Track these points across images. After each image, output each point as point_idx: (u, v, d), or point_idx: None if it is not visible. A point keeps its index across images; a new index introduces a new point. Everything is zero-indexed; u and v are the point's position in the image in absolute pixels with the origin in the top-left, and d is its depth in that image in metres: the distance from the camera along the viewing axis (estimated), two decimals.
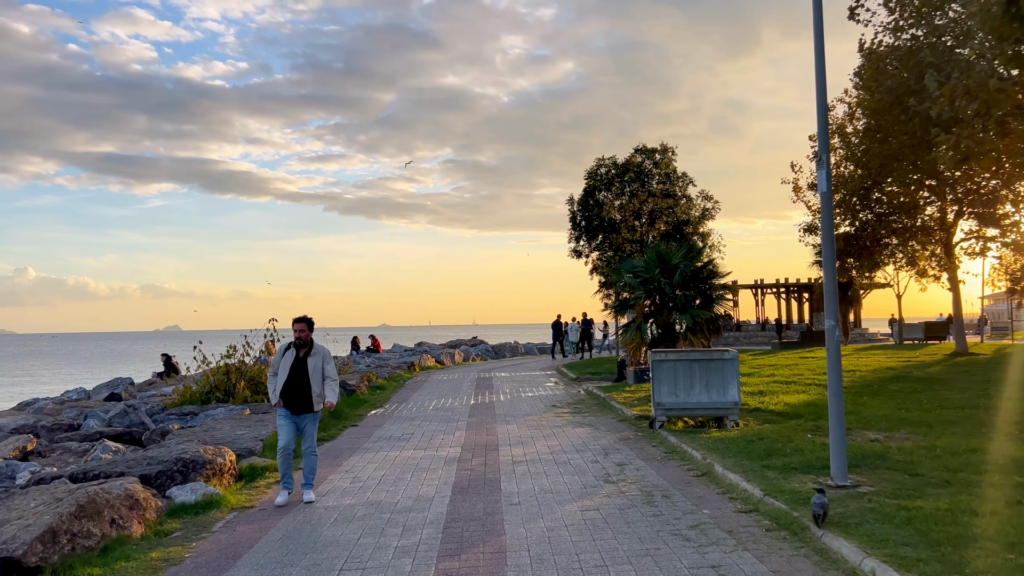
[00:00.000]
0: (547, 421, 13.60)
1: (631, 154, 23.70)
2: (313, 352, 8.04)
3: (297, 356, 7.99)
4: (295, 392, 7.92)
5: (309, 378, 7.95)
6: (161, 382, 21.73)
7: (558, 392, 18.91)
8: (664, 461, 9.55)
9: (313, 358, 8.02)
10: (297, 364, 7.96)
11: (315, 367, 7.99)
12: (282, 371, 7.92)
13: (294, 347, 8.01)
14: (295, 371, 7.93)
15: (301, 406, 7.97)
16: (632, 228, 23.90)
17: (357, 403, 16.99)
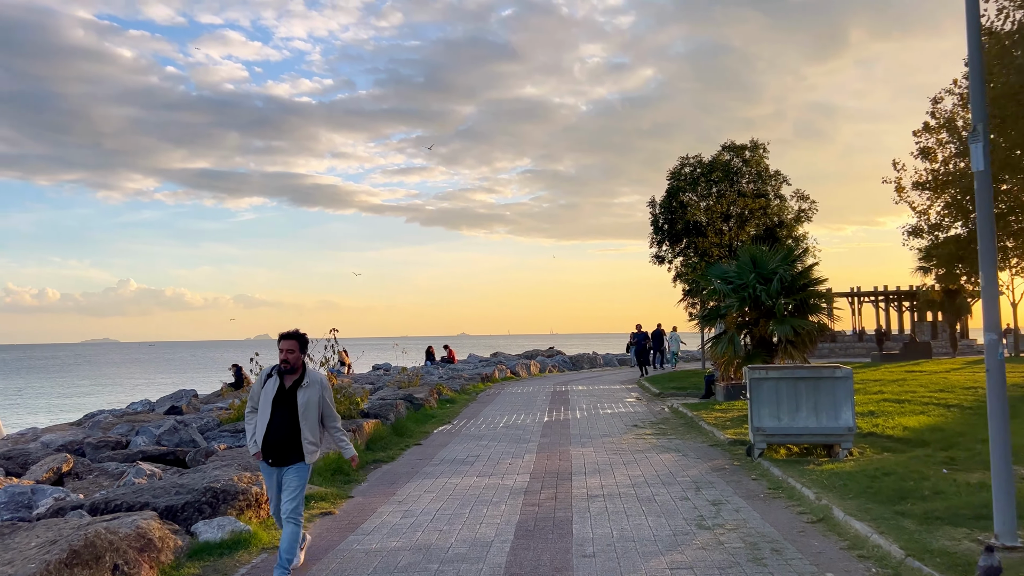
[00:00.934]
0: (628, 444, 12.21)
1: (718, 152, 22.01)
2: (305, 382, 5.81)
3: (282, 387, 5.79)
4: (279, 437, 5.73)
5: (299, 418, 5.75)
6: (232, 393, 21.32)
7: (640, 409, 17.43)
8: (768, 500, 8.05)
9: (305, 390, 5.79)
10: (282, 397, 5.77)
11: (307, 402, 5.77)
12: (262, 407, 5.79)
13: (278, 374, 5.84)
14: (280, 407, 5.75)
15: (287, 455, 5.79)
16: (719, 231, 22.20)
17: (424, 418, 15.98)
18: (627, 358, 36.94)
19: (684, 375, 25.96)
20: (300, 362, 5.85)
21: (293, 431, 5.80)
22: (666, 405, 18.03)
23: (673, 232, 21.75)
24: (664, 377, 25.38)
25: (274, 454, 5.83)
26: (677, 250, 22.69)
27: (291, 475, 5.86)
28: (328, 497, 8.61)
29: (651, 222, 22.87)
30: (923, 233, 28.83)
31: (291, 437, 5.80)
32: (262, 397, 5.87)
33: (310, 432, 5.83)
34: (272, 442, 5.81)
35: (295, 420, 5.80)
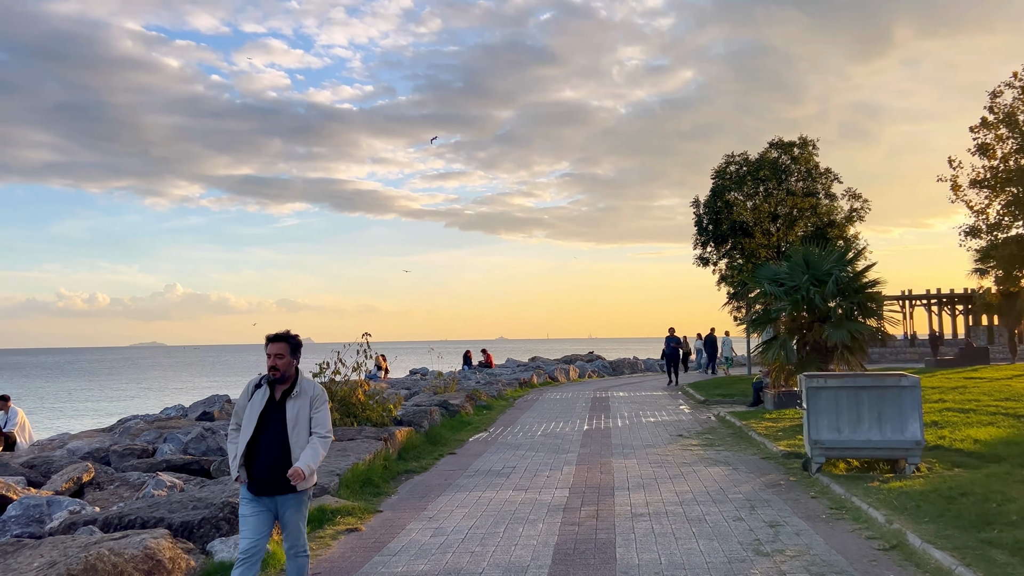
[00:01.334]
0: (673, 455, 11.52)
1: (765, 149, 21.11)
2: (297, 391, 4.93)
3: (272, 399, 4.91)
4: (267, 457, 4.83)
5: (288, 434, 4.84)
6: None
7: (684, 417, 16.69)
8: (832, 522, 7.33)
9: (296, 400, 4.91)
10: (271, 411, 4.89)
11: (297, 416, 4.88)
12: (247, 423, 4.90)
13: (267, 384, 4.96)
14: (267, 423, 4.86)
15: (275, 481, 4.83)
16: (767, 232, 21.32)
17: (459, 426, 15.47)
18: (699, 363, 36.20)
19: (730, 381, 25.07)
20: (292, 369, 4.96)
21: (282, 452, 4.83)
22: (712, 413, 17.26)
23: (718, 233, 20.92)
24: (709, 384, 24.52)
25: (258, 480, 4.84)
26: (722, 252, 21.84)
27: (289, 508, 4.93)
28: (355, 512, 8.12)
29: (695, 223, 22.06)
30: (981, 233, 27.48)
31: (280, 459, 4.82)
32: (247, 412, 4.92)
33: (300, 451, 4.86)
34: (256, 465, 4.84)
35: (283, 436, 4.84)
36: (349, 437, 11.35)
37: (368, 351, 13.50)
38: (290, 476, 4.73)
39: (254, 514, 4.88)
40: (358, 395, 12.86)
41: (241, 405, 5.02)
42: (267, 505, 4.91)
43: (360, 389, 12.81)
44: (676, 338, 26.07)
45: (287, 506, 4.92)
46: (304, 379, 5.03)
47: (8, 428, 12.50)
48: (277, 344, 4.94)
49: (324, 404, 5.06)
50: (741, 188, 21.11)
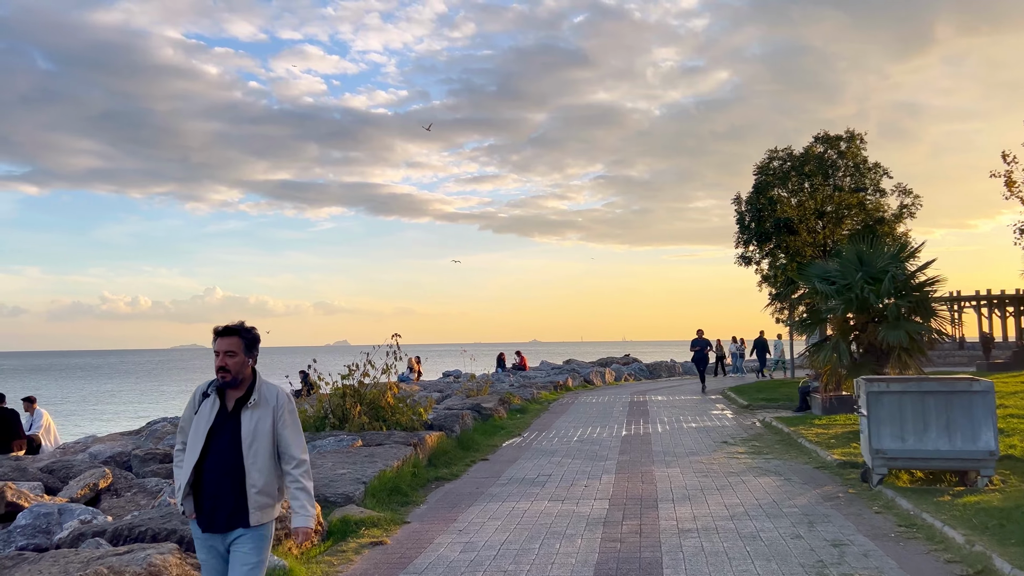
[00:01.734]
0: (719, 464, 10.84)
1: (810, 143, 20.22)
2: (254, 399, 3.87)
3: (223, 409, 3.87)
4: (216, 484, 3.79)
5: (243, 454, 3.79)
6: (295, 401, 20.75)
7: (727, 423, 15.95)
8: (902, 542, 6.63)
9: (253, 411, 3.85)
10: (222, 425, 3.84)
11: (255, 430, 3.82)
12: (193, 441, 3.85)
13: (216, 391, 3.91)
14: (217, 439, 3.82)
15: (226, 514, 3.81)
16: (812, 230, 20.42)
17: (492, 430, 14.93)
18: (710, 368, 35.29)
19: (773, 385, 24.18)
20: (246, 370, 3.89)
21: (235, 476, 3.78)
22: (757, 419, 16.49)
23: (761, 231, 20.08)
24: (751, 388, 23.66)
25: (206, 512, 3.80)
26: (765, 250, 20.99)
27: (243, 544, 3.81)
28: (381, 523, 7.63)
29: (736, 220, 21.24)
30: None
31: (232, 485, 3.77)
32: (193, 426, 3.88)
33: (260, 476, 3.79)
34: (203, 492, 3.79)
35: (238, 459, 3.78)
36: (377, 442, 10.88)
37: (398, 353, 13.03)
38: (295, 537, 3.94)
39: (211, 558, 3.90)
40: (387, 398, 12.40)
41: (186, 419, 3.98)
42: (219, 544, 3.86)
43: (389, 392, 12.35)
44: (705, 340, 24.44)
45: (240, 546, 3.81)
46: (265, 383, 3.95)
47: (33, 430, 12.28)
48: (227, 339, 3.89)
49: (293, 416, 3.98)
50: (785, 184, 20.25)
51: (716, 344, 34.10)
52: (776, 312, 28.44)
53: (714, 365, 33.98)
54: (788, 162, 20.24)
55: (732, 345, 34.39)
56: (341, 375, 12.51)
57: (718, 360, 34.10)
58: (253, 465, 3.81)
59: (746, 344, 34.27)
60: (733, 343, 34.25)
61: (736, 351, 34.25)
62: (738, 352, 34.22)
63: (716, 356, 34.21)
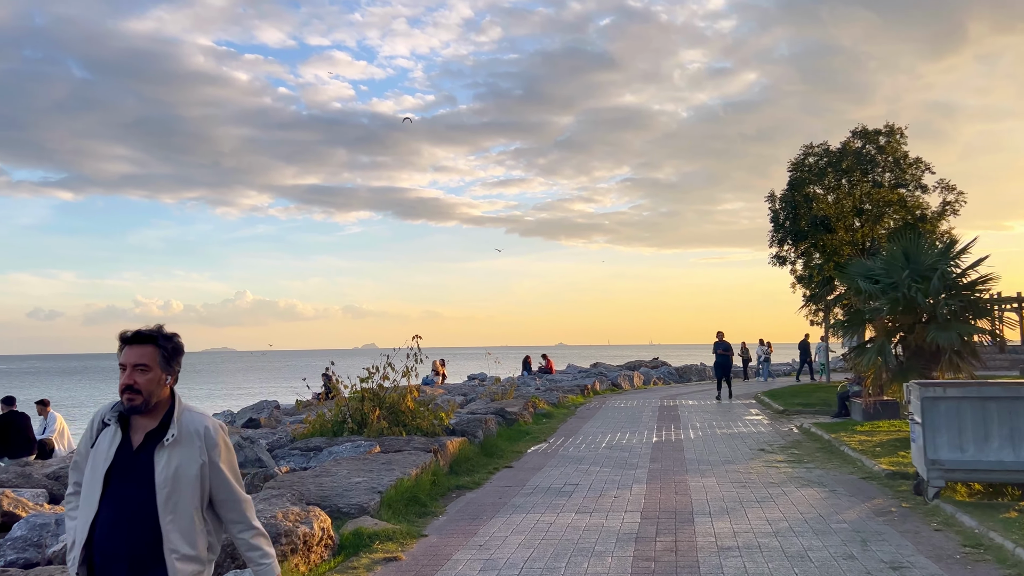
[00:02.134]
0: (757, 473, 10.20)
1: (847, 138, 19.40)
2: (173, 434, 2.79)
3: (125, 444, 2.80)
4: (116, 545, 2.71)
5: (158, 509, 2.73)
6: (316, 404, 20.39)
7: (763, 429, 15.25)
8: (970, 564, 5.98)
9: (172, 450, 2.78)
10: (127, 466, 2.77)
11: (175, 475, 2.76)
12: (89, 486, 2.78)
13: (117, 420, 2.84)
14: (121, 485, 2.76)
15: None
16: (850, 228, 19.61)
17: (517, 435, 14.40)
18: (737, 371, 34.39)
19: (808, 390, 23.35)
20: (161, 391, 2.84)
21: (146, 536, 2.73)
22: (794, 425, 15.77)
23: (796, 230, 19.28)
24: (785, 392, 22.85)
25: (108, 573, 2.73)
26: (801, 250, 20.18)
27: None
28: (396, 536, 7.13)
29: (771, 219, 20.45)
30: None
31: (142, 549, 2.72)
32: (90, 465, 2.82)
33: (182, 539, 2.75)
34: (102, 559, 2.73)
35: (151, 513, 2.74)
36: (396, 448, 10.40)
37: (419, 355, 12.55)
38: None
39: None
40: (407, 402, 11.92)
41: (81, 453, 2.92)
42: None
43: (409, 396, 11.87)
44: (726, 343, 22.03)
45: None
46: (187, 410, 2.88)
47: (47, 434, 11.99)
48: (138, 349, 2.82)
49: (229, 456, 2.91)
50: (822, 181, 19.44)
51: (742, 347, 33.18)
52: (811, 314, 27.60)
53: (742, 369, 33.14)
54: (824, 158, 19.43)
55: (759, 348, 33.41)
56: (360, 378, 12.06)
57: (745, 364, 33.24)
58: (173, 524, 2.74)
59: (772, 348, 33.34)
60: (760, 346, 33.27)
61: (763, 355, 33.24)
62: (765, 356, 33.22)
63: (743, 360, 33.36)
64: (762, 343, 33.04)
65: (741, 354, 33.33)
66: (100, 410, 2.91)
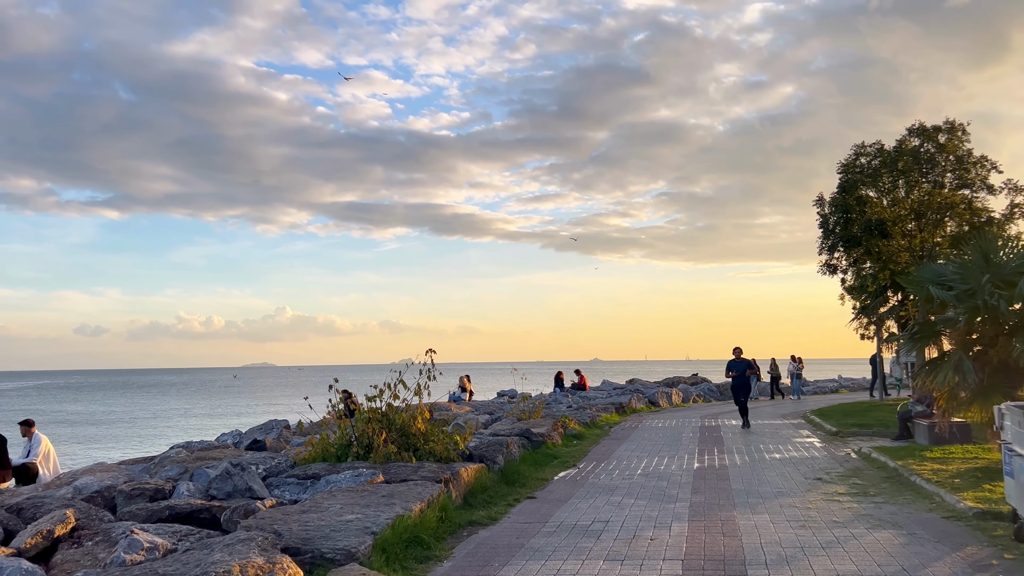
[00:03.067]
0: (817, 509, 8.80)
1: (903, 136, 17.74)
2: None
3: None
4: None
5: None
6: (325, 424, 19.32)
7: (817, 454, 13.76)
8: None
9: None
10: None
11: None
12: None
13: None
14: None
15: None
16: (907, 233, 17.99)
17: (544, 460, 13.14)
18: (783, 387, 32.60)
19: (862, 409, 21.67)
20: None
21: None
22: (851, 448, 14.24)
23: (847, 236, 17.72)
24: (838, 411, 21.21)
25: None
26: (852, 257, 18.59)
27: None
28: None
29: (819, 224, 18.88)
30: None
31: None
32: None
33: None
34: None
35: None
36: (402, 477, 9.22)
37: (432, 371, 11.38)
38: None
39: None
40: (418, 423, 10.74)
41: None
42: None
43: (420, 416, 10.70)
44: (745, 361, 19.18)
45: None
46: None
47: (30, 457, 11.06)
48: None
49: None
50: (876, 183, 17.86)
51: (771, 364, 31.37)
52: (861, 328, 25.86)
53: (769, 387, 31.34)
54: (878, 158, 17.84)
55: (790, 365, 31.56)
56: (367, 396, 10.93)
57: (773, 382, 31.42)
58: None
59: (803, 364, 31.48)
60: (792, 363, 31.38)
61: (794, 371, 31.36)
62: (796, 372, 31.32)
63: (772, 377, 31.54)
64: (793, 359, 31.20)
65: (771, 371, 31.54)
66: None
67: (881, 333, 24.67)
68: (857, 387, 38.83)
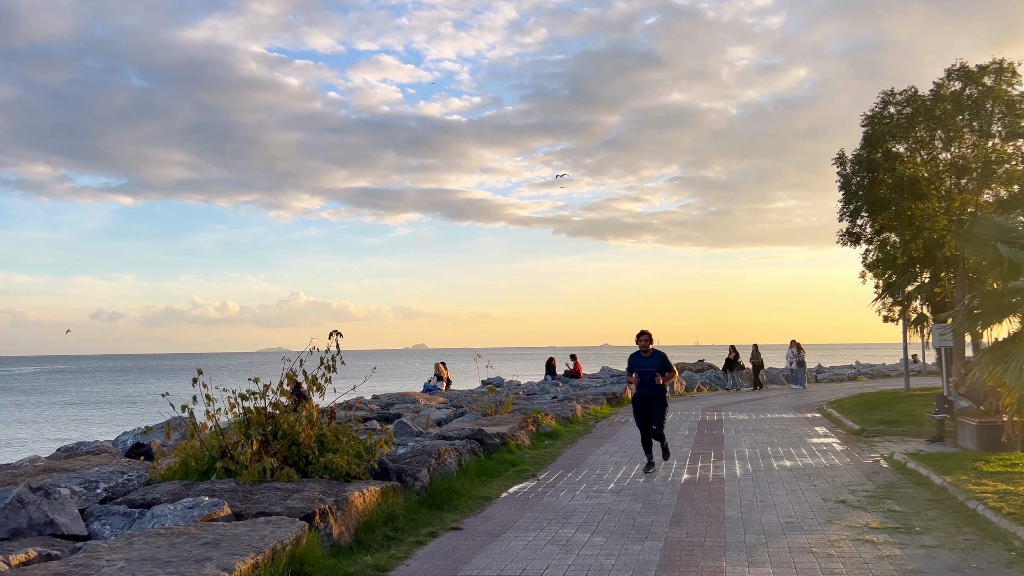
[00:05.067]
0: (842, 557, 6.16)
1: (941, 80, 14.76)
2: None
3: None
4: None
5: None
6: None
7: (838, 461, 11.10)
8: None
9: None
10: None
11: None
12: None
13: None
14: None
15: None
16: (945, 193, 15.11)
17: (497, 469, 10.58)
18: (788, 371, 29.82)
19: (886, 400, 18.94)
20: None
21: None
22: (879, 454, 11.58)
23: (873, 198, 14.85)
24: (859, 404, 18.50)
25: None
26: (879, 223, 15.70)
27: None
28: None
29: (839, 185, 16.01)
30: None
31: None
32: None
33: None
34: None
35: None
36: (260, 509, 6.65)
37: (335, 359, 8.76)
38: None
39: None
40: (307, 429, 8.14)
41: None
42: None
43: (309, 420, 8.11)
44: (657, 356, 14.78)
45: None
46: None
47: None
48: None
49: None
50: (908, 136, 14.94)
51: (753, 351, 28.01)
52: (884, 309, 23.04)
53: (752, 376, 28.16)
54: (909, 107, 14.88)
55: (789, 352, 28.36)
56: (241, 394, 8.34)
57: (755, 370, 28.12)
58: None
59: (806, 351, 28.12)
60: (791, 350, 28.06)
61: (792, 359, 28.16)
62: (797, 360, 28.12)
63: (753, 365, 28.26)
64: (794, 345, 27.84)
65: (752, 358, 28.20)
66: None
67: (907, 315, 21.90)
68: (877, 374, 36.04)
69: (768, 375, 32.19)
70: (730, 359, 28.47)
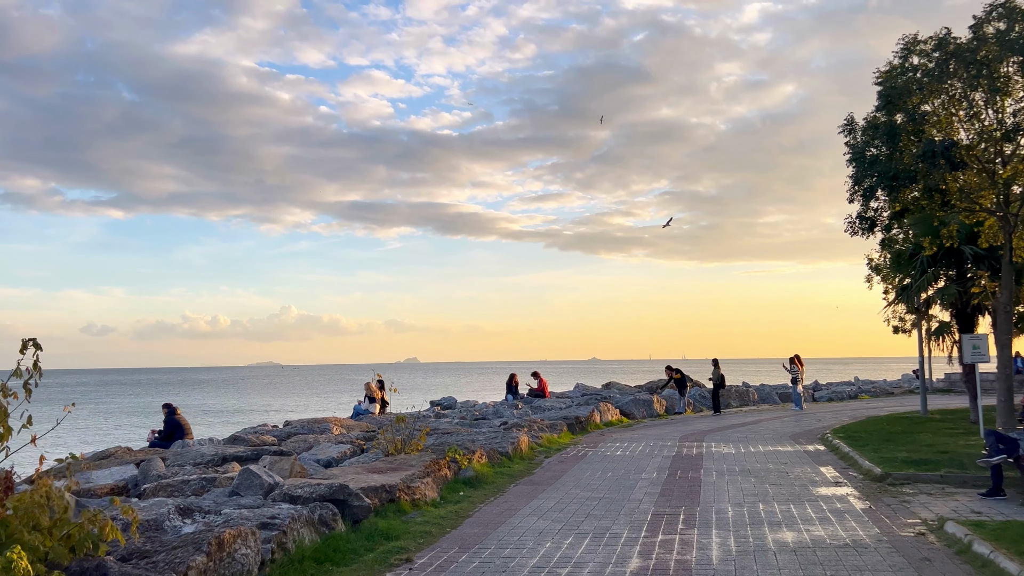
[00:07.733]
0: None
1: (977, 21, 11.33)
2: None
3: None
4: None
5: None
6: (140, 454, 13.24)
7: (862, 532, 7.56)
8: None
9: None
10: None
11: None
12: None
13: None
14: None
15: None
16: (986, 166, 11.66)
17: (353, 551, 7.08)
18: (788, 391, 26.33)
19: (902, 428, 15.44)
20: None
21: None
22: (920, 518, 8.06)
23: (894, 171, 11.45)
24: (870, 430, 14.99)
25: None
26: (902, 204, 12.24)
27: None
28: None
29: (848, 159, 12.52)
30: None
31: None
32: None
33: None
34: None
35: None
36: None
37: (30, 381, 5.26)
38: None
39: None
40: None
41: None
42: None
43: None
44: None
45: None
46: None
47: None
48: None
49: None
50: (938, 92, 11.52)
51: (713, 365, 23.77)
52: (895, 319, 19.54)
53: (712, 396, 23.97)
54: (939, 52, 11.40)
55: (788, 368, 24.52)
56: None
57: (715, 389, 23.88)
58: None
59: (803, 367, 24.28)
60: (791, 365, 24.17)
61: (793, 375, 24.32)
62: (791, 378, 24.33)
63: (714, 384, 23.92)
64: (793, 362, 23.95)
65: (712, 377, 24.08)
66: None
67: (926, 324, 18.47)
68: (880, 392, 32.55)
69: (760, 393, 28.67)
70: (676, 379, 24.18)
